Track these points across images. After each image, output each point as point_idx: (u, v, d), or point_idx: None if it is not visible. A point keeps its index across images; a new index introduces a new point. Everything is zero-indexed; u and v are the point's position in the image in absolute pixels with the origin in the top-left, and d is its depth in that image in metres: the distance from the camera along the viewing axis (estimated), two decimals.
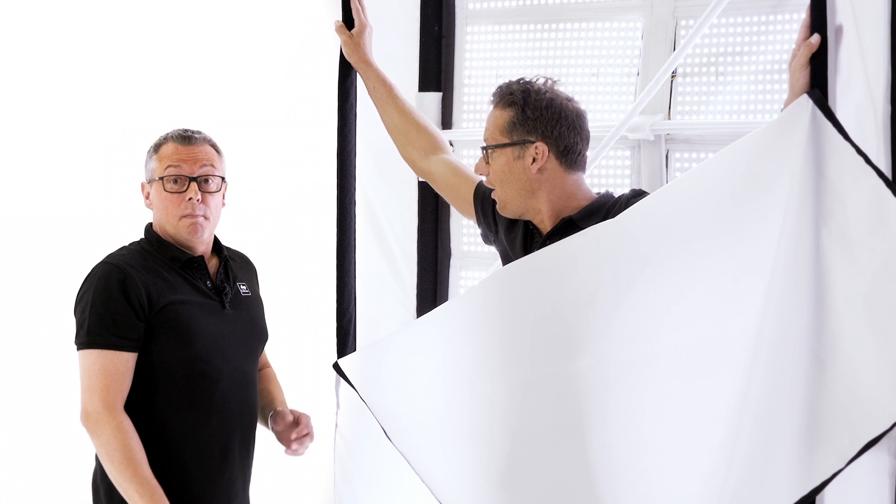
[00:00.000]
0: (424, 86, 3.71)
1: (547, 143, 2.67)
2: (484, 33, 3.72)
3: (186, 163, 2.85)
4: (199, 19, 3.90)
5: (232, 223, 3.22)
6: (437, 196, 3.67)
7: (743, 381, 2.33)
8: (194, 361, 2.81)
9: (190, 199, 2.83)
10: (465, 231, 3.70)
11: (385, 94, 3.08)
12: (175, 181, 2.85)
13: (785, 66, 3.12)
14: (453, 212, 3.69)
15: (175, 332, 2.79)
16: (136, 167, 3.02)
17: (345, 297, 3.14)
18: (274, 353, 3.15)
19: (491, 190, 2.89)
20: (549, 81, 2.72)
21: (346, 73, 3.11)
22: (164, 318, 2.78)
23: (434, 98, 3.71)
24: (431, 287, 3.60)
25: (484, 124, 3.58)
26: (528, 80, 2.73)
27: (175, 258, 2.87)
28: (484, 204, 2.94)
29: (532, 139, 2.67)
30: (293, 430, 2.99)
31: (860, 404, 2.22)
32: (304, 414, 3.03)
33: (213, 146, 2.94)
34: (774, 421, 2.28)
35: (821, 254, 2.28)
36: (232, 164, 3.10)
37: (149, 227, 2.95)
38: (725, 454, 2.34)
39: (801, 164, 2.31)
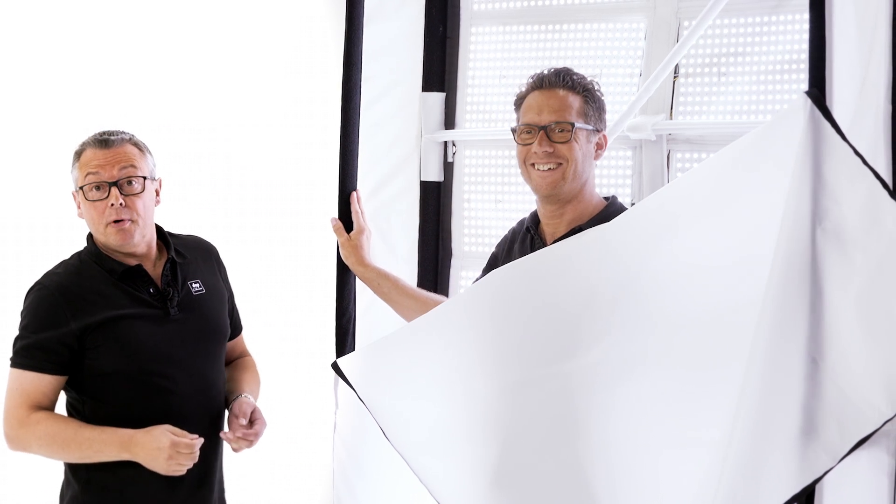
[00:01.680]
0: (428, 86, 3.70)
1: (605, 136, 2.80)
2: (488, 34, 3.72)
3: (105, 167, 2.75)
4: (200, 19, 3.90)
5: (233, 222, 3.23)
6: (438, 196, 3.67)
7: (737, 380, 2.33)
8: (142, 375, 2.74)
9: (112, 204, 2.74)
10: (466, 231, 3.69)
11: (392, 288, 3.08)
12: (97, 188, 2.75)
13: (787, 67, 3.12)
14: (454, 212, 3.69)
15: (116, 347, 2.73)
16: None
17: (344, 296, 3.14)
18: (273, 352, 3.15)
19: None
20: None
21: (350, 72, 3.11)
22: (103, 335, 2.73)
23: (437, 98, 3.70)
24: (432, 287, 3.59)
25: (485, 125, 3.66)
26: (572, 70, 2.81)
27: (112, 270, 2.80)
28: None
29: (600, 128, 2.78)
30: (241, 426, 2.82)
31: (851, 403, 2.23)
32: (261, 420, 2.87)
33: (136, 144, 2.84)
34: (768, 419, 2.28)
35: (815, 253, 2.28)
36: (232, 164, 3.10)
37: (89, 237, 2.87)
38: (720, 453, 2.34)
39: (798, 164, 2.31)
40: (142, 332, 2.76)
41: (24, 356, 2.73)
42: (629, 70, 3.44)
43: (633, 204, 3.25)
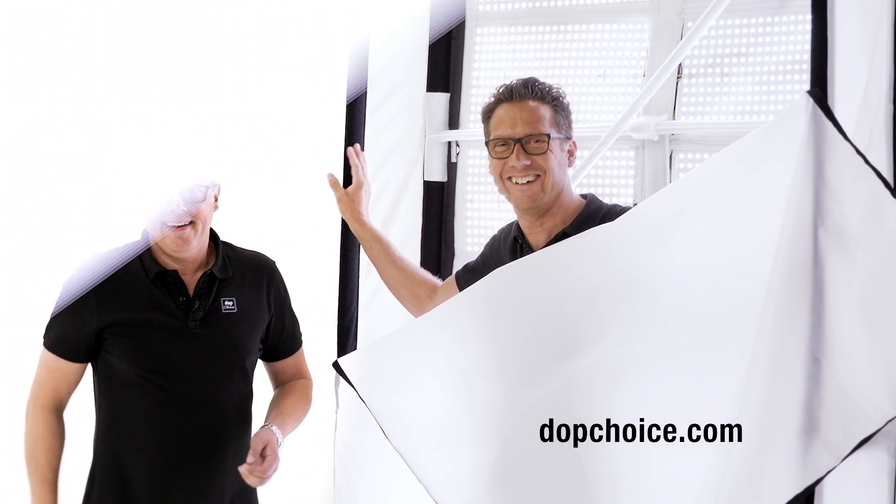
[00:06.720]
0: (432, 86, 3.72)
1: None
2: (493, 35, 3.73)
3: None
4: (200, 19, 3.90)
5: (234, 222, 3.22)
6: (441, 196, 3.67)
7: (740, 379, 2.32)
8: (142, 379, 2.75)
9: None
10: (468, 231, 3.70)
11: (381, 252, 3.05)
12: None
13: (790, 68, 3.12)
14: (457, 212, 3.70)
15: (126, 348, 2.74)
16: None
17: (347, 295, 3.14)
18: None
19: (468, 269, 2.96)
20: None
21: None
22: (118, 332, 2.74)
23: (442, 98, 3.71)
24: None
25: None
26: (538, 80, 2.77)
27: (149, 269, 2.79)
28: (467, 278, 2.95)
29: (570, 135, 2.77)
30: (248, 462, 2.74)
31: (854, 402, 2.22)
32: (272, 456, 2.76)
33: None
34: (771, 418, 2.27)
35: (817, 252, 2.27)
36: (235, 164, 3.10)
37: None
38: (723, 452, 2.33)
39: (800, 163, 2.30)
40: (154, 340, 2.75)
41: (50, 337, 2.81)
42: (633, 70, 3.44)
43: (635, 204, 3.25)
